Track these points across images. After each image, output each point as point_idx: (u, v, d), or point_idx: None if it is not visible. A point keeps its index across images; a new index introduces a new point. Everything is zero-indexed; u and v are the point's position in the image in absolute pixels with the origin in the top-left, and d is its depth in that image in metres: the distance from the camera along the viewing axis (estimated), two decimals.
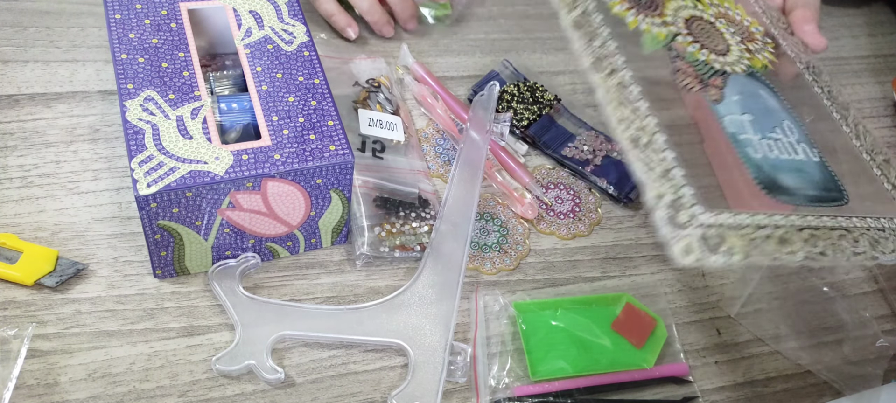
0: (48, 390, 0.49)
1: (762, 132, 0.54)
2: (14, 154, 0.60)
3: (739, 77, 0.56)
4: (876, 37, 0.89)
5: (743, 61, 0.57)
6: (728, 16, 0.61)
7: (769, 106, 0.56)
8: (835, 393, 0.58)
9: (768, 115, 0.55)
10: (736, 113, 0.54)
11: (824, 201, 0.51)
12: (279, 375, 0.51)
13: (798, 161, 0.53)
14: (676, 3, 0.59)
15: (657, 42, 0.56)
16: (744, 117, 0.54)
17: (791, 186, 0.51)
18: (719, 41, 0.58)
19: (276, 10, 0.60)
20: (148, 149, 0.50)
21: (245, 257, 0.56)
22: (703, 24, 0.59)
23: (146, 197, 0.48)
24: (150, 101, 0.53)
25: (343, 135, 0.54)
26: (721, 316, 0.61)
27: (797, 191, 0.51)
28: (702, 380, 0.57)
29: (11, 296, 0.53)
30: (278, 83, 0.56)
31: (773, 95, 0.57)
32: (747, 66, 0.57)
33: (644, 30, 0.56)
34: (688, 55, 0.56)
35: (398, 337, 0.54)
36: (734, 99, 0.55)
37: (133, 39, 0.56)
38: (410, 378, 0.52)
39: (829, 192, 0.52)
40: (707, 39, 0.58)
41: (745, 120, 0.54)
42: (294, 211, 0.54)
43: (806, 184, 0.52)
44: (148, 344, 0.52)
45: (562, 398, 0.54)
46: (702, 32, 0.58)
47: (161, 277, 0.55)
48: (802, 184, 0.52)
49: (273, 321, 0.53)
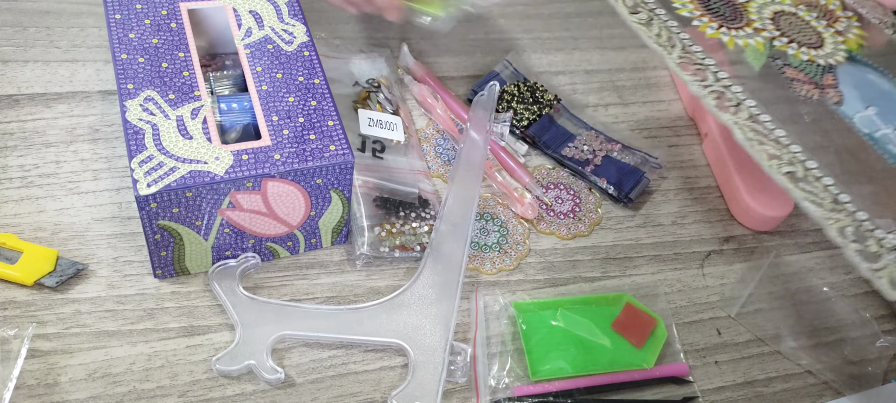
0: (48, 390, 0.49)
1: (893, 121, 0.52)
2: (14, 154, 0.60)
3: (845, 67, 0.55)
4: None
5: (840, 49, 0.56)
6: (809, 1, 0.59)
7: (885, 89, 0.54)
8: (835, 393, 0.58)
9: (890, 101, 0.53)
10: (861, 109, 0.52)
11: None
12: (279, 375, 0.51)
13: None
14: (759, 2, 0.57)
15: (760, 54, 0.55)
16: (869, 112, 0.52)
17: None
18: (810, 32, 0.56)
19: (276, 10, 0.60)
20: (148, 149, 0.50)
21: (245, 257, 0.56)
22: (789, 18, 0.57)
23: (146, 197, 0.48)
24: (150, 101, 0.53)
25: (343, 135, 0.54)
26: (721, 316, 0.61)
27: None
28: (702, 380, 0.57)
29: (11, 296, 0.53)
30: (278, 83, 0.56)
31: (882, 76, 0.55)
32: (846, 52, 0.55)
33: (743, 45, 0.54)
34: (792, 59, 0.54)
35: (398, 337, 0.54)
36: (853, 94, 0.53)
37: (133, 39, 0.56)
38: (410, 378, 0.52)
39: None
40: (799, 34, 0.56)
41: (872, 114, 0.52)
42: (294, 211, 0.54)
43: None
44: (148, 344, 0.52)
45: (562, 398, 0.54)
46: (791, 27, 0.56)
47: (161, 277, 0.55)
48: None
49: (273, 321, 0.53)
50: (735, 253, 0.65)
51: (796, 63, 0.55)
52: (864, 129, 0.52)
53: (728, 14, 0.57)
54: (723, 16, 0.57)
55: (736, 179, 0.67)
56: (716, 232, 0.66)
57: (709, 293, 0.62)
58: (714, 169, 0.71)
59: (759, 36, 0.56)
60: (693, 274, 0.63)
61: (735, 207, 0.67)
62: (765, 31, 0.56)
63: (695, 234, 0.66)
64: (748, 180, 0.67)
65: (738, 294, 0.62)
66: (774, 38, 0.56)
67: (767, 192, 0.66)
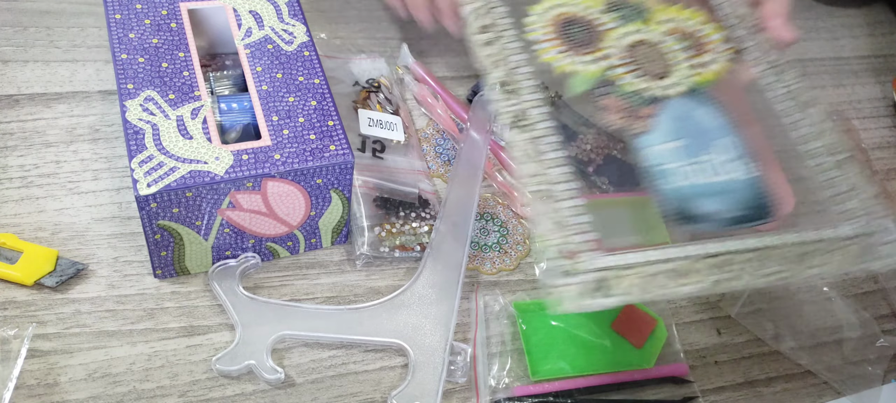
0: (48, 390, 0.49)
1: (690, 157, 0.54)
2: (14, 154, 0.60)
3: (678, 101, 0.56)
4: (876, 37, 0.89)
5: (685, 81, 0.57)
6: (683, 29, 0.61)
7: (706, 126, 0.56)
8: (835, 393, 0.58)
9: (703, 137, 0.55)
10: (663, 141, 0.54)
11: (748, 220, 0.51)
12: (279, 375, 0.51)
13: (725, 182, 0.53)
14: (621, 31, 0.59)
15: (587, 81, 0.56)
16: (673, 144, 0.54)
17: (708, 212, 0.51)
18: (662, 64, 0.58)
19: (277, 9, 0.60)
20: (148, 149, 0.50)
21: (245, 257, 0.56)
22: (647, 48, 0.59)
23: (146, 197, 0.48)
24: (150, 101, 0.53)
25: (343, 135, 0.54)
26: (721, 316, 0.61)
27: (715, 216, 0.51)
28: (702, 380, 0.57)
29: (11, 296, 0.53)
30: (278, 83, 0.56)
31: (714, 113, 0.56)
32: (690, 86, 0.57)
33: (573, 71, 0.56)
34: (618, 89, 0.56)
35: (398, 337, 0.54)
36: (668, 126, 0.55)
37: (133, 39, 0.56)
38: (410, 378, 0.52)
39: (755, 210, 0.52)
40: (648, 64, 0.58)
41: (673, 147, 0.54)
42: (294, 211, 0.54)
43: (728, 207, 0.52)
44: (148, 344, 0.52)
45: (562, 398, 0.54)
46: (644, 57, 0.58)
47: (161, 277, 0.55)
48: (723, 208, 0.52)
49: (273, 321, 0.53)
50: None
51: (620, 92, 0.56)
52: (648, 162, 0.53)
53: (582, 39, 0.58)
54: (574, 41, 0.58)
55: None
56: None
57: None
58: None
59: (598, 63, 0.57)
60: None
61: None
62: (610, 58, 0.57)
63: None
64: None
65: (738, 294, 0.62)
66: (614, 66, 0.57)
67: None
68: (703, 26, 0.62)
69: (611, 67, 0.57)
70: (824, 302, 0.63)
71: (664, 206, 0.51)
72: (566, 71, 0.56)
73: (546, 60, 0.57)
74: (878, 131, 0.79)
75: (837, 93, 0.81)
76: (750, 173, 0.53)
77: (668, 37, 0.60)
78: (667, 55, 0.59)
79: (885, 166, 0.75)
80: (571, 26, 0.59)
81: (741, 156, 0.54)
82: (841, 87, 0.82)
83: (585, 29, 0.59)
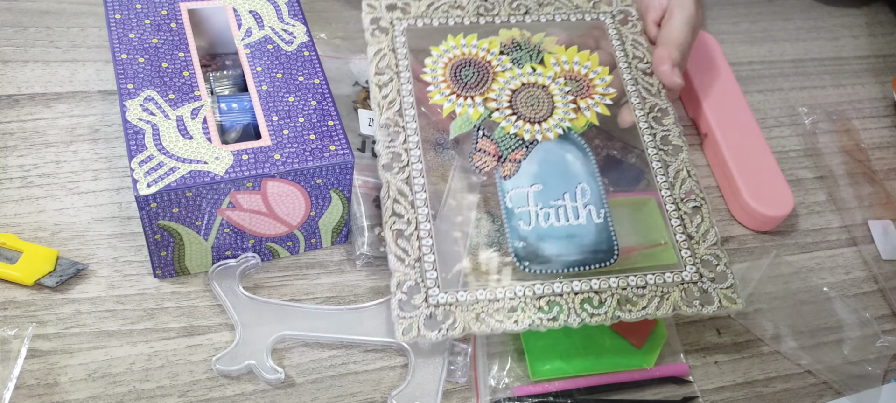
0: (48, 390, 0.49)
1: (546, 201, 0.57)
2: (14, 154, 0.60)
3: (548, 144, 0.59)
4: (876, 37, 0.89)
5: (561, 125, 0.60)
6: (572, 73, 0.63)
7: (570, 170, 0.58)
8: (835, 393, 0.58)
9: (563, 181, 0.58)
10: (525, 186, 0.57)
11: (589, 263, 0.55)
12: (279, 375, 0.51)
13: (574, 227, 0.56)
14: (511, 74, 0.62)
15: (468, 123, 0.59)
16: (532, 189, 0.57)
17: (551, 255, 0.55)
18: (543, 107, 0.61)
19: (277, 10, 0.60)
20: (148, 149, 0.50)
21: (245, 257, 0.56)
22: (531, 91, 0.61)
23: (146, 197, 0.48)
24: (150, 101, 0.53)
25: (343, 135, 0.54)
26: (721, 316, 0.61)
27: (557, 258, 0.54)
28: (702, 380, 0.57)
29: (11, 296, 0.53)
30: (278, 83, 0.56)
31: (580, 157, 0.59)
32: (565, 129, 0.60)
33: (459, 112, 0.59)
34: (496, 132, 0.59)
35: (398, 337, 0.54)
36: (532, 170, 0.58)
37: (133, 39, 0.56)
38: (410, 378, 0.52)
39: (596, 254, 0.55)
40: (529, 108, 0.60)
41: (532, 191, 0.57)
42: (294, 211, 0.54)
43: (571, 250, 0.55)
44: (148, 344, 0.52)
45: (562, 398, 0.54)
46: (525, 102, 0.61)
47: (161, 277, 0.55)
48: (566, 251, 0.55)
49: (273, 321, 0.53)
50: (735, 254, 0.65)
51: (496, 135, 0.59)
52: (508, 205, 0.56)
53: (472, 82, 0.61)
54: (464, 84, 0.61)
55: (736, 179, 0.67)
56: None
57: None
58: (714, 169, 0.71)
59: (483, 107, 0.60)
60: None
61: (735, 207, 0.67)
62: (493, 102, 0.60)
63: None
64: (748, 181, 0.67)
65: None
66: (495, 109, 0.60)
67: (768, 192, 0.66)
68: (593, 70, 0.64)
69: (492, 111, 0.60)
70: (824, 302, 0.63)
71: (516, 247, 0.55)
72: (456, 112, 0.60)
73: (434, 102, 0.60)
74: (878, 131, 0.79)
75: (837, 93, 0.81)
76: (597, 219, 0.57)
77: (557, 80, 0.63)
78: (550, 99, 0.61)
79: (885, 166, 0.75)
80: (465, 68, 0.62)
81: (592, 201, 0.57)
82: (841, 87, 0.82)
83: (477, 71, 0.62)
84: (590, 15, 0.68)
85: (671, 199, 0.59)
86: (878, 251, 0.67)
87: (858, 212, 0.70)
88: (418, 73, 0.61)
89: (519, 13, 0.66)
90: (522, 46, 0.64)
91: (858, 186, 0.71)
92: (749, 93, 0.79)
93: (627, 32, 0.67)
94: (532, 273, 0.54)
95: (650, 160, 0.60)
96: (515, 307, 0.52)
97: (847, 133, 0.76)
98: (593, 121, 0.61)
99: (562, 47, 0.65)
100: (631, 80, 0.64)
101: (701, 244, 0.57)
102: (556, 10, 0.67)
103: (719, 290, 0.55)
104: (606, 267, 0.55)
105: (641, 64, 0.66)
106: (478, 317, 0.51)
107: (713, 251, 0.56)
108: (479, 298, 0.52)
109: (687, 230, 0.57)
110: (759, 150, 0.69)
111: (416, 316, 0.51)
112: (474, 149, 0.58)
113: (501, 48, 0.64)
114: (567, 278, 0.53)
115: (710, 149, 0.71)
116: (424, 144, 0.57)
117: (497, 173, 0.57)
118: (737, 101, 0.73)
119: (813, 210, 0.70)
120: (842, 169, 0.72)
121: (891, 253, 0.67)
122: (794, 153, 0.74)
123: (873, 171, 0.73)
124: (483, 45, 0.63)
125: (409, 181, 0.55)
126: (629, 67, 0.65)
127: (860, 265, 0.67)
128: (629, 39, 0.67)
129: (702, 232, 0.57)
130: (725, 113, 0.72)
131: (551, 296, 0.52)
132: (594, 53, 0.65)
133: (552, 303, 0.52)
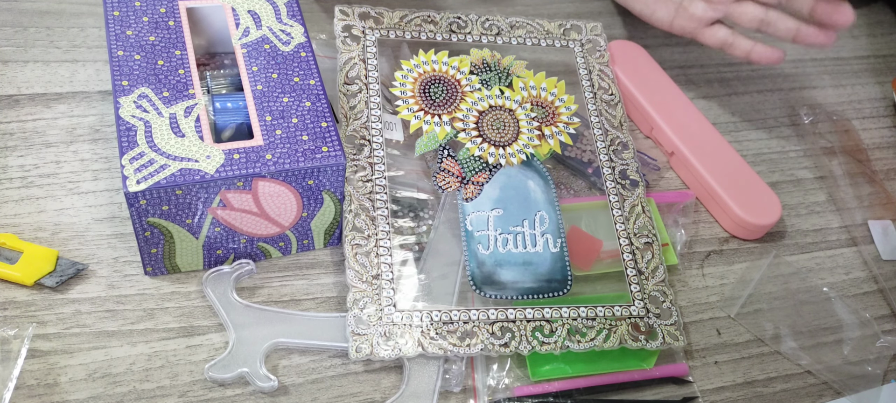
0: (48, 390, 0.49)
1: (505, 227, 0.58)
2: (14, 154, 0.60)
3: (512, 169, 0.60)
4: (876, 37, 0.89)
5: (525, 151, 0.61)
6: (539, 99, 0.64)
7: (530, 198, 0.59)
8: (835, 393, 0.58)
9: (523, 207, 0.59)
10: (485, 209, 0.58)
11: (542, 292, 0.56)
12: (273, 383, 0.51)
13: (531, 254, 0.57)
14: (479, 95, 0.63)
15: (434, 142, 0.60)
16: (493, 213, 0.58)
17: (507, 281, 0.56)
18: (508, 131, 0.61)
19: (275, 10, 0.60)
20: (139, 146, 0.50)
21: (239, 264, 0.55)
22: (498, 114, 0.62)
23: (135, 193, 0.48)
24: (143, 99, 0.52)
25: (336, 137, 0.54)
26: (721, 316, 0.61)
27: (512, 285, 0.55)
28: (702, 380, 0.57)
29: (11, 296, 0.53)
30: (273, 83, 0.56)
31: (541, 185, 0.60)
32: (529, 155, 0.61)
33: (426, 130, 0.60)
34: (460, 152, 0.60)
35: None
36: (493, 194, 0.59)
37: (130, 36, 0.56)
38: (409, 378, 0.52)
39: (550, 283, 0.56)
40: (494, 131, 0.61)
41: (492, 216, 0.58)
42: (285, 211, 0.54)
43: (526, 278, 0.56)
44: (148, 344, 0.52)
45: (562, 398, 0.54)
46: (491, 124, 0.62)
47: (152, 274, 0.55)
48: (521, 278, 0.56)
49: (267, 328, 0.53)
50: (735, 253, 0.65)
51: (460, 156, 0.60)
52: (469, 227, 0.57)
53: (441, 100, 0.62)
54: (433, 101, 0.62)
55: (722, 196, 0.65)
56: (716, 232, 0.66)
57: (709, 293, 0.62)
58: (690, 186, 0.68)
59: (449, 126, 0.61)
60: (693, 274, 0.63)
61: (726, 221, 0.66)
62: (460, 122, 0.61)
63: (694, 234, 0.66)
64: (736, 194, 0.65)
65: (738, 294, 0.62)
66: (461, 130, 0.61)
67: (756, 202, 0.65)
68: (559, 97, 0.65)
69: (458, 131, 0.61)
70: (824, 303, 0.63)
71: (473, 271, 0.56)
72: (422, 129, 0.60)
73: (403, 117, 0.61)
74: (878, 131, 0.79)
75: (837, 93, 0.81)
76: (554, 248, 0.58)
77: (524, 104, 0.64)
78: (516, 123, 0.62)
79: (885, 166, 0.75)
80: (434, 85, 0.63)
81: (549, 231, 0.58)
82: (841, 87, 0.82)
83: (446, 90, 0.63)
84: (560, 41, 0.69)
85: (625, 234, 0.60)
86: (878, 251, 0.67)
87: (858, 213, 0.70)
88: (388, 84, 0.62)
89: (491, 33, 0.68)
90: (492, 68, 0.65)
91: (858, 186, 0.71)
92: (749, 93, 0.79)
93: (594, 62, 0.69)
94: (487, 298, 0.55)
95: (608, 193, 0.62)
96: (469, 332, 0.53)
97: (847, 133, 0.75)
98: (556, 148, 0.63)
99: (530, 72, 0.66)
100: (595, 111, 0.65)
101: (650, 280, 0.58)
102: (527, 34, 0.68)
103: (663, 326, 0.56)
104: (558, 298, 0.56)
105: (606, 95, 0.67)
106: (431, 339, 0.52)
107: (660, 287, 0.58)
108: (434, 320, 0.53)
109: (638, 265, 0.58)
110: (732, 161, 0.67)
111: (370, 333, 0.52)
112: (439, 169, 0.59)
113: (472, 68, 0.64)
114: (520, 305, 0.54)
115: (681, 167, 0.69)
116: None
117: (459, 194, 0.58)
118: (689, 111, 0.70)
119: (813, 210, 0.70)
120: (842, 169, 0.72)
121: (891, 253, 0.67)
122: (794, 153, 0.74)
123: (873, 171, 0.73)
124: (453, 63, 0.64)
125: (371, 196, 0.56)
126: (595, 98, 0.66)
127: (860, 265, 0.67)
128: (596, 69, 0.68)
129: (651, 267, 0.59)
130: (684, 127, 0.68)
131: (504, 322, 0.53)
132: (560, 81, 0.66)
133: (505, 329, 0.53)
